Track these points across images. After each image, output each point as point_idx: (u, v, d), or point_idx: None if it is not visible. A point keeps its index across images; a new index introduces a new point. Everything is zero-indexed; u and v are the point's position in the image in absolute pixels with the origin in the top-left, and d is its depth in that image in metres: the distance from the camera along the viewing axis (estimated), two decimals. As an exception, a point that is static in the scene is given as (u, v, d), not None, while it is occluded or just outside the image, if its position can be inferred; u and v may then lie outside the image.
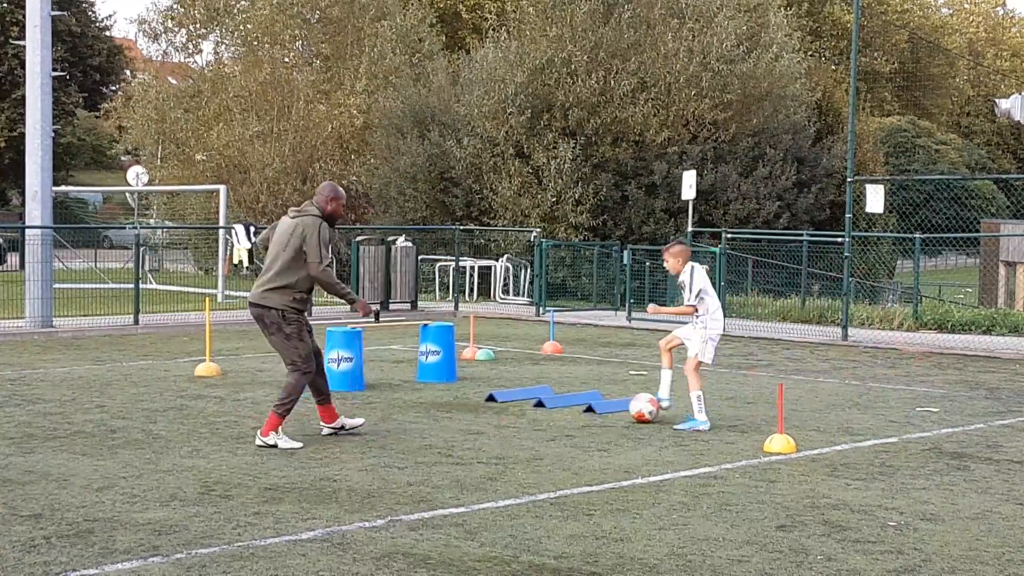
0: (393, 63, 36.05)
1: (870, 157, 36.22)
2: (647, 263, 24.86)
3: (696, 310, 10.96)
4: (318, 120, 35.52)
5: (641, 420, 11.04)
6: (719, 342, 11.23)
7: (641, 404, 11.14)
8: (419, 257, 25.61)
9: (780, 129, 32.14)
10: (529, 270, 28.17)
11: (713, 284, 11.99)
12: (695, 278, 10.97)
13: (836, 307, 22.32)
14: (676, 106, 30.77)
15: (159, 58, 42.40)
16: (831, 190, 32.49)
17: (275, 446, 9.43)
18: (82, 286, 25.37)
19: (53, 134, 20.14)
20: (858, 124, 29.85)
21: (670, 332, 11.51)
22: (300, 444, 9.56)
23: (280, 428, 9.55)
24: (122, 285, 25.07)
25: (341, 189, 9.84)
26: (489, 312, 24.27)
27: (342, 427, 10.11)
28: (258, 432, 9.59)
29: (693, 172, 25.15)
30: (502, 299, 27.81)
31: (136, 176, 36.51)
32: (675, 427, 10.86)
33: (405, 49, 36.84)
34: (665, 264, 11.23)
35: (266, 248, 9.87)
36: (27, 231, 19.79)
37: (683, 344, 11.17)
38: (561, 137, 30.10)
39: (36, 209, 19.61)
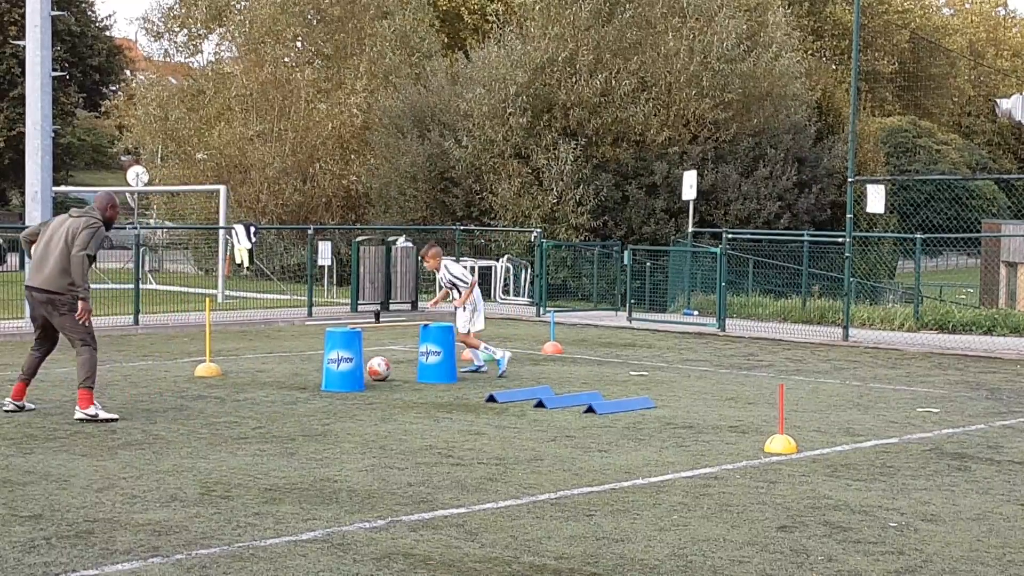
0: (393, 62, 36.06)
1: (871, 157, 36.21)
2: (648, 263, 24.85)
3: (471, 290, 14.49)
4: (318, 119, 35.53)
5: (375, 376, 13.33)
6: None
7: (376, 363, 13.42)
8: (419, 257, 25.58)
9: (781, 129, 32.13)
10: (530, 270, 28.16)
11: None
12: (455, 268, 14.63)
13: (837, 307, 22.31)
14: (677, 106, 30.78)
15: (160, 58, 42.45)
16: (832, 190, 32.48)
17: (96, 416, 10.58)
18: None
19: (53, 134, 20.14)
20: (859, 124, 29.86)
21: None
22: (116, 416, 10.70)
23: (94, 399, 10.74)
24: (122, 285, 25.06)
25: (117, 199, 11.27)
26: (489, 312, 24.20)
27: (23, 407, 11.11)
28: (76, 407, 10.67)
29: (694, 172, 25.15)
30: (502, 299, 27.80)
31: (136, 176, 36.50)
32: (499, 376, 14.04)
33: (405, 49, 36.86)
34: (425, 265, 14.97)
35: (31, 241, 11.06)
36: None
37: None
38: (561, 138, 30.11)
39: (36, 209, 19.59)
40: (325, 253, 24.75)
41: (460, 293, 14.56)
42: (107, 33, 60.47)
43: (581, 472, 8.76)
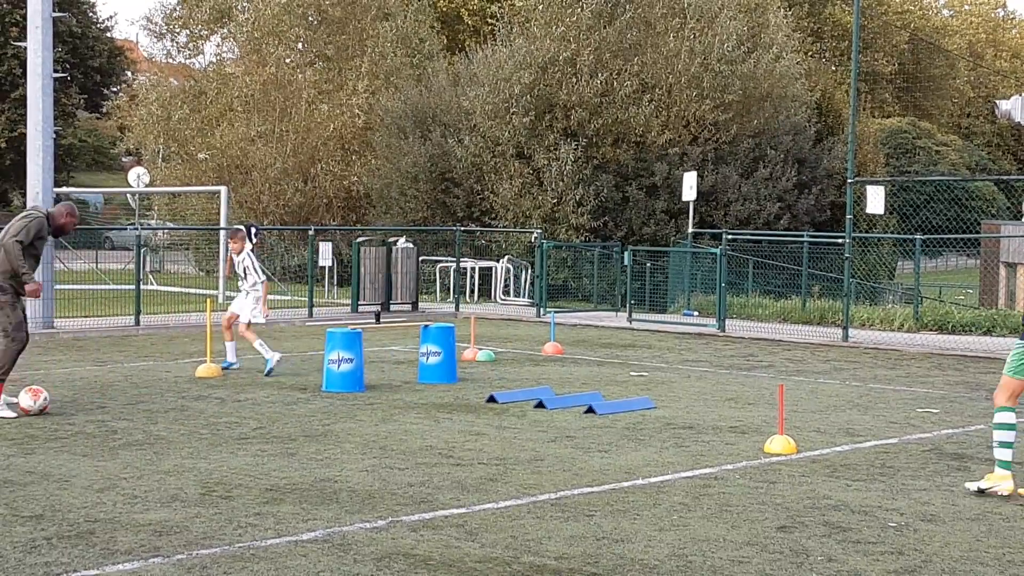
0: (394, 63, 36.09)
1: (871, 158, 36.21)
2: (648, 264, 24.87)
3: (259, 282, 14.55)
4: (320, 120, 35.56)
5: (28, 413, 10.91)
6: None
7: (25, 400, 10.97)
8: (420, 258, 25.62)
9: (781, 130, 32.16)
10: (530, 271, 28.18)
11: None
12: (254, 258, 14.69)
13: (837, 308, 22.32)
14: (677, 107, 30.81)
15: (163, 58, 42.46)
16: (831, 191, 32.50)
17: None
18: (83, 287, 25.39)
19: (54, 135, 20.16)
20: (859, 125, 29.86)
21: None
22: (14, 414, 10.72)
23: (1, 394, 10.91)
24: (123, 286, 25.08)
25: (77, 211, 11.71)
26: (490, 313, 24.28)
27: None
28: None
29: (694, 173, 25.17)
30: (503, 300, 27.82)
31: (137, 177, 36.53)
32: (264, 375, 13.83)
33: (406, 50, 36.89)
34: (231, 245, 14.79)
35: None
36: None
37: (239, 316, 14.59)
38: (562, 138, 30.13)
39: (37, 210, 19.59)
40: (326, 254, 24.77)
41: (249, 279, 14.60)
42: (108, 34, 60.52)
43: (581, 472, 8.77)
